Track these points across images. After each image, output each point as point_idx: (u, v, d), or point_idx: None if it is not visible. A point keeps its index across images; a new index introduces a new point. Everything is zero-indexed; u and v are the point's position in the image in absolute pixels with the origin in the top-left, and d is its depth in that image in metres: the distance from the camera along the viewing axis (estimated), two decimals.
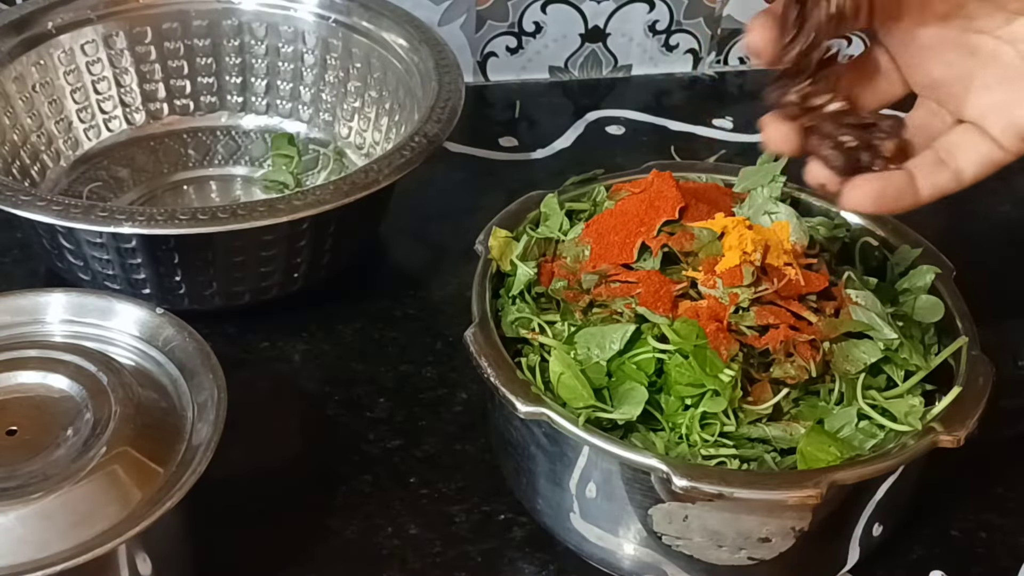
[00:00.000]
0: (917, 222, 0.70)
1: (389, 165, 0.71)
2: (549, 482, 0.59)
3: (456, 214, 0.86)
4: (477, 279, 0.63)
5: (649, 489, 0.54)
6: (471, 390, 0.72)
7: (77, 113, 0.86)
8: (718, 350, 0.55)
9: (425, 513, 0.64)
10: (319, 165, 0.88)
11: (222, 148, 0.90)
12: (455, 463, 0.67)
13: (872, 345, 0.58)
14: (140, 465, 0.54)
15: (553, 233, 0.66)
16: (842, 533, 0.58)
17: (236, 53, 0.90)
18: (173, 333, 0.60)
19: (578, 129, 1.00)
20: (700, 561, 0.56)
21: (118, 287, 0.72)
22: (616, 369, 0.57)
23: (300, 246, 0.72)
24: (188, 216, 0.65)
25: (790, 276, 0.59)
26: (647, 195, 0.64)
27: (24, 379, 0.56)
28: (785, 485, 0.52)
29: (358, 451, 0.68)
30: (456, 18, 1.01)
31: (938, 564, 0.63)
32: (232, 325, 0.75)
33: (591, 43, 1.06)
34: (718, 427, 0.55)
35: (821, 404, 0.58)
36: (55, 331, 0.62)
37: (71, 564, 0.49)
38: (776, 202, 0.64)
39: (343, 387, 0.72)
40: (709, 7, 1.06)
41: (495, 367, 0.57)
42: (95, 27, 0.85)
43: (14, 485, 0.51)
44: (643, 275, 0.60)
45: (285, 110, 0.91)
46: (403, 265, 0.84)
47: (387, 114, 0.86)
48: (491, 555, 0.62)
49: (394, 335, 0.76)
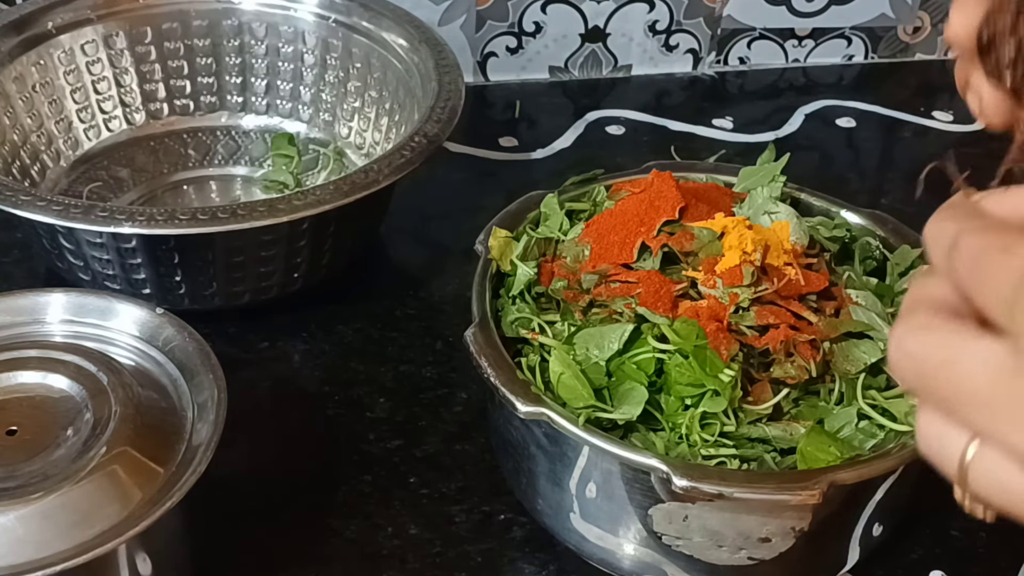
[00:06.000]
0: (917, 222, 0.70)
1: (389, 165, 0.71)
2: (549, 482, 0.59)
3: (456, 214, 0.86)
4: (477, 279, 0.63)
5: (649, 489, 0.54)
6: (471, 390, 0.72)
7: (77, 113, 0.86)
8: (718, 350, 0.55)
9: (425, 513, 0.64)
10: (319, 165, 0.88)
11: (222, 148, 0.90)
12: (455, 463, 0.67)
13: (872, 345, 0.58)
14: (140, 465, 0.54)
15: (553, 233, 0.66)
16: (842, 533, 0.58)
17: (236, 53, 0.90)
18: (173, 333, 0.60)
19: (578, 129, 1.00)
20: (700, 561, 0.56)
21: (118, 287, 0.72)
22: (616, 369, 0.57)
23: (300, 246, 0.72)
24: (188, 216, 0.65)
25: (790, 276, 0.59)
26: (647, 195, 0.64)
27: (24, 379, 0.56)
28: (785, 485, 0.52)
29: (358, 451, 0.68)
30: (456, 18, 1.01)
31: (938, 564, 0.63)
32: (232, 325, 0.75)
33: (591, 43, 1.06)
34: (718, 427, 0.55)
35: (821, 404, 0.58)
36: (55, 331, 0.62)
37: (71, 564, 0.49)
38: (776, 202, 0.64)
39: (343, 387, 0.72)
40: (709, 7, 1.06)
41: (495, 367, 0.57)
42: (95, 27, 0.85)
43: (14, 485, 0.51)
44: (643, 275, 0.60)
45: (285, 110, 0.91)
46: (403, 265, 0.84)
47: (387, 114, 0.86)
48: (491, 555, 0.62)
49: (394, 335, 0.76)
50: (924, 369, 0.32)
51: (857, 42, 1.11)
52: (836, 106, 1.05)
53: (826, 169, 0.98)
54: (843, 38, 1.11)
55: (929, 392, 0.32)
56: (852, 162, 1.00)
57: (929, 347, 0.31)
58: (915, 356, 0.32)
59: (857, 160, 1.01)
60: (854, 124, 1.03)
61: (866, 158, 1.01)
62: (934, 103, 1.06)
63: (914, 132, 1.03)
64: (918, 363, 0.32)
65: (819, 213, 0.69)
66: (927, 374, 0.31)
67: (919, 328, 0.32)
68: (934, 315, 0.32)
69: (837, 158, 1.00)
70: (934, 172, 0.39)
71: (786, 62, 1.11)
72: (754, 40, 1.09)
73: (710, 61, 1.10)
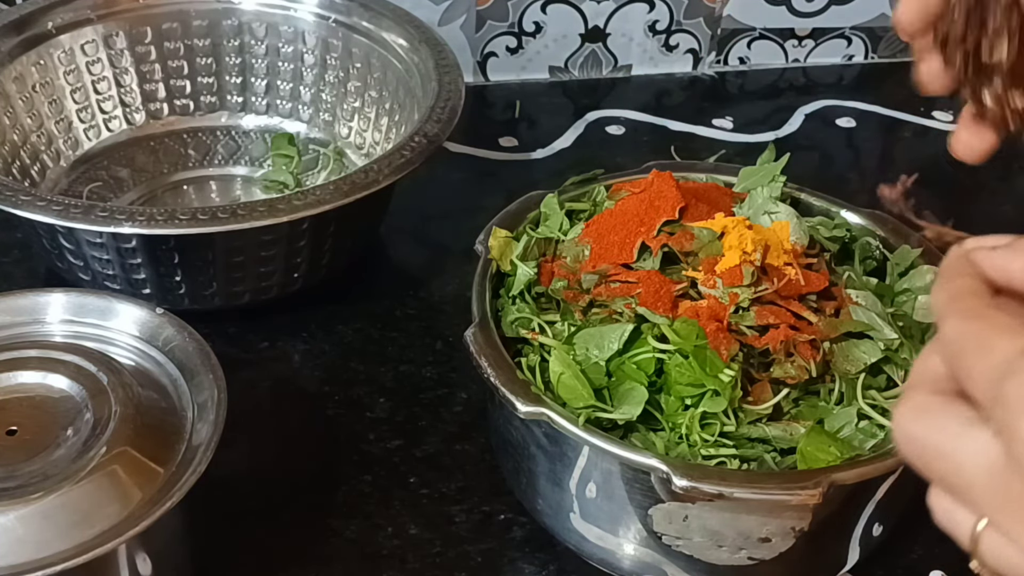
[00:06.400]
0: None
1: (389, 165, 0.71)
2: (549, 482, 0.59)
3: (456, 214, 0.86)
4: (477, 279, 0.63)
5: (649, 489, 0.54)
6: (471, 390, 0.72)
7: (77, 113, 0.86)
8: (718, 350, 0.55)
9: (425, 513, 0.64)
10: (319, 165, 0.88)
11: (222, 148, 0.90)
12: (455, 463, 0.67)
13: (872, 345, 0.58)
14: (140, 465, 0.54)
15: (553, 233, 0.66)
16: (842, 533, 0.58)
17: (236, 53, 0.90)
18: (173, 333, 0.60)
19: (578, 129, 1.00)
20: (700, 561, 0.56)
21: (118, 287, 0.72)
22: (616, 369, 0.57)
23: (300, 246, 0.72)
24: (188, 216, 0.65)
25: (790, 276, 0.59)
26: (647, 195, 0.64)
27: (24, 379, 0.56)
28: (785, 485, 0.52)
29: (358, 451, 0.68)
30: (456, 18, 1.01)
31: (938, 564, 0.63)
32: (232, 325, 0.75)
33: (591, 43, 1.06)
34: (718, 427, 0.55)
35: (821, 404, 0.58)
36: (55, 331, 0.62)
37: (71, 564, 0.49)
38: (776, 202, 0.64)
39: (343, 387, 0.72)
40: (709, 7, 1.06)
41: (495, 367, 0.57)
42: (95, 27, 0.85)
43: (14, 485, 0.51)
44: (643, 275, 0.60)
45: (285, 110, 0.91)
46: (403, 265, 0.84)
47: (387, 114, 0.86)
48: (491, 555, 0.62)
49: (394, 335, 0.76)
50: (925, 455, 0.33)
51: (857, 42, 1.11)
52: (836, 106, 1.05)
53: (826, 169, 0.98)
54: (843, 38, 1.11)
55: (932, 476, 0.34)
56: (852, 162, 1.00)
57: (926, 433, 0.33)
58: (916, 441, 0.34)
59: (857, 160, 1.01)
60: (854, 124, 1.03)
61: (866, 158, 1.01)
62: (934, 103, 1.05)
63: (914, 132, 1.03)
64: (919, 448, 0.34)
65: (819, 213, 0.69)
66: (929, 459, 0.33)
67: (919, 411, 0.34)
68: (933, 395, 0.34)
69: (837, 158, 1.00)
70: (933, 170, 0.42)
71: (786, 62, 1.11)
72: (754, 40, 1.09)
73: (710, 61, 1.10)
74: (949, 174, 0.96)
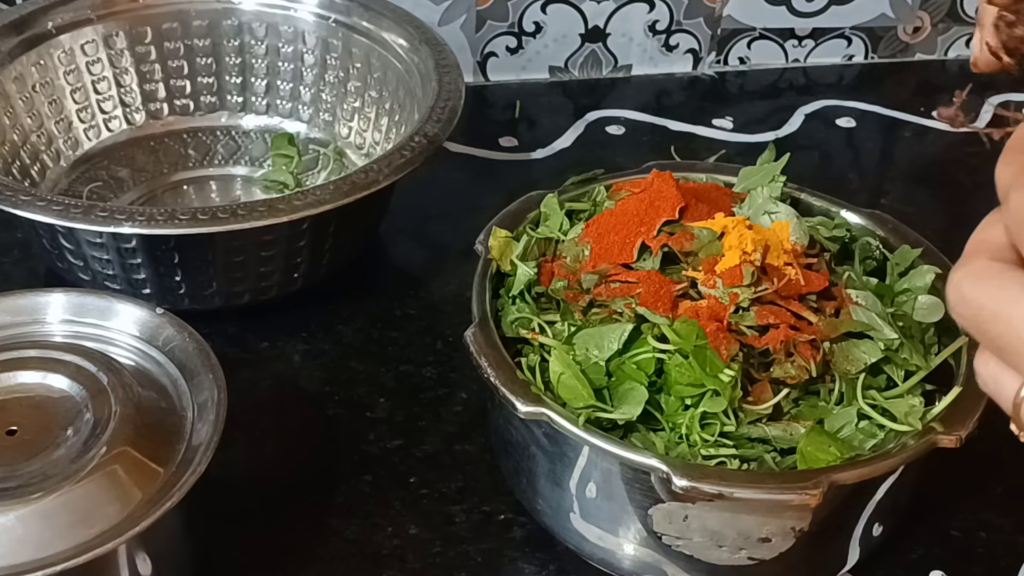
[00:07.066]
0: (917, 222, 0.70)
1: (389, 165, 0.71)
2: (549, 482, 0.59)
3: (456, 214, 0.86)
4: (477, 279, 0.63)
5: (649, 489, 0.54)
6: (471, 390, 0.72)
7: (77, 113, 0.86)
8: (718, 350, 0.55)
9: (425, 513, 0.64)
10: (319, 165, 0.88)
11: (222, 148, 0.90)
12: (455, 463, 0.67)
13: (872, 345, 0.58)
14: (140, 465, 0.54)
15: (553, 233, 0.66)
16: (842, 533, 0.58)
17: (236, 53, 0.90)
18: (173, 333, 0.60)
19: (578, 129, 1.00)
20: (700, 561, 0.56)
21: (118, 287, 0.72)
22: (616, 369, 0.57)
23: (300, 246, 0.72)
24: (188, 216, 0.65)
25: (790, 276, 0.59)
26: (647, 195, 0.64)
27: (24, 379, 0.56)
28: (785, 485, 0.52)
29: (358, 451, 0.68)
30: (456, 18, 1.01)
31: (938, 564, 0.63)
32: (232, 325, 0.75)
33: (591, 43, 1.06)
34: (718, 427, 0.55)
35: (821, 404, 0.58)
36: (55, 331, 0.62)
37: (71, 564, 0.49)
38: (776, 202, 0.64)
39: (343, 387, 0.72)
40: (709, 7, 1.06)
41: (495, 367, 0.57)
42: (95, 27, 0.85)
43: (14, 485, 0.51)
44: (643, 275, 0.60)
45: (285, 110, 0.91)
46: (403, 265, 0.84)
47: (387, 114, 0.86)
48: (491, 555, 0.62)
49: (394, 335, 0.76)
50: (979, 316, 0.34)
51: (857, 42, 1.11)
52: (836, 106, 1.05)
53: (826, 169, 0.98)
54: (843, 38, 1.11)
55: (983, 338, 0.34)
56: (852, 162, 1.00)
57: (984, 296, 0.34)
58: (971, 303, 0.34)
59: (857, 160, 1.01)
60: (854, 124, 1.03)
61: (866, 158, 1.01)
62: (934, 103, 1.05)
63: (914, 132, 1.03)
64: (974, 310, 0.34)
65: (819, 213, 0.69)
66: (982, 321, 0.34)
67: (976, 275, 0.34)
68: (992, 261, 0.34)
69: (837, 158, 1.00)
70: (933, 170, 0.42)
71: (786, 62, 1.11)
72: (754, 40, 1.09)
73: (710, 61, 1.10)
74: (949, 174, 0.96)
